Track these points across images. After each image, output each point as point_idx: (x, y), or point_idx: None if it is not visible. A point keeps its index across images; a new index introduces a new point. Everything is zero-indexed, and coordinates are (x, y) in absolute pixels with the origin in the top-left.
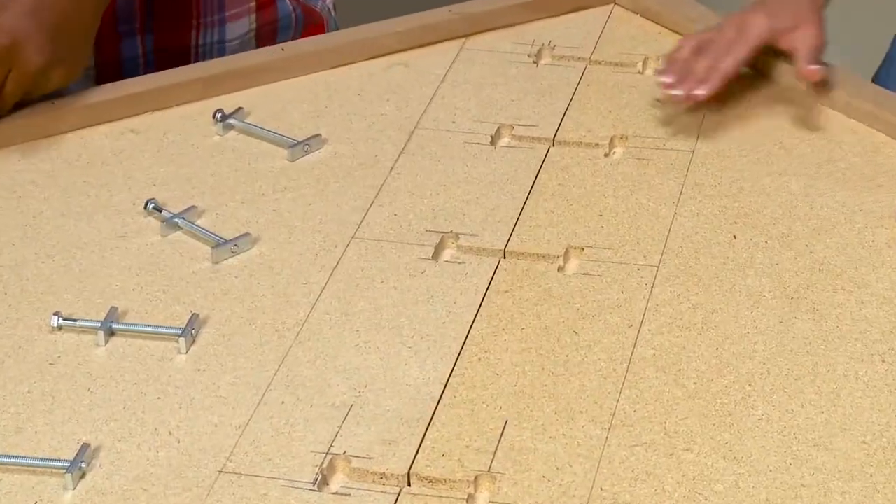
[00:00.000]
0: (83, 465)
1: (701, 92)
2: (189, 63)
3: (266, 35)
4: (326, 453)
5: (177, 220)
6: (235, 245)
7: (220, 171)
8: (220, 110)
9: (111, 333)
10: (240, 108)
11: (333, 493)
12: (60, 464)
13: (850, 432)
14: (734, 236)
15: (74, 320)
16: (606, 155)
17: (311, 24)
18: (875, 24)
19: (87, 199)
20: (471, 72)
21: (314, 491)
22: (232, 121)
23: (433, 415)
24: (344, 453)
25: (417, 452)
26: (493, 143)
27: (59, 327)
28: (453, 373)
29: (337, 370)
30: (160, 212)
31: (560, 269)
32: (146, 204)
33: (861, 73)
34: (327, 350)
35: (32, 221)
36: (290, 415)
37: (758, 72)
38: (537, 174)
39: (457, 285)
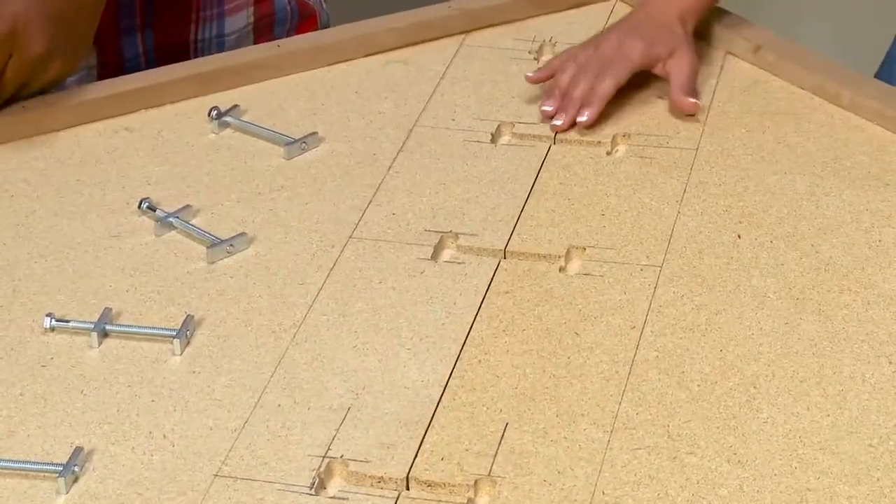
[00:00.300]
0: (76, 468)
1: (583, 118)
2: (188, 59)
3: (263, 29)
4: (324, 457)
5: (171, 219)
6: (231, 245)
7: (215, 169)
8: (215, 108)
9: (105, 335)
10: (235, 106)
11: (331, 498)
12: (53, 467)
13: (856, 435)
14: (738, 236)
15: (67, 321)
16: (609, 153)
17: (304, 18)
18: (875, 23)
19: (80, 198)
20: (470, 68)
21: (311, 495)
22: (227, 118)
23: (432, 417)
24: (341, 457)
25: (416, 456)
26: (493, 141)
27: (52, 328)
28: (453, 375)
29: (334, 372)
30: (154, 211)
31: (561, 269)
32: (140, 203)
33: (862, 72)
34: (324, 352)
35: (25, 221)
36: (287, 418)
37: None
38: (538, 173)
39: (456, 286)
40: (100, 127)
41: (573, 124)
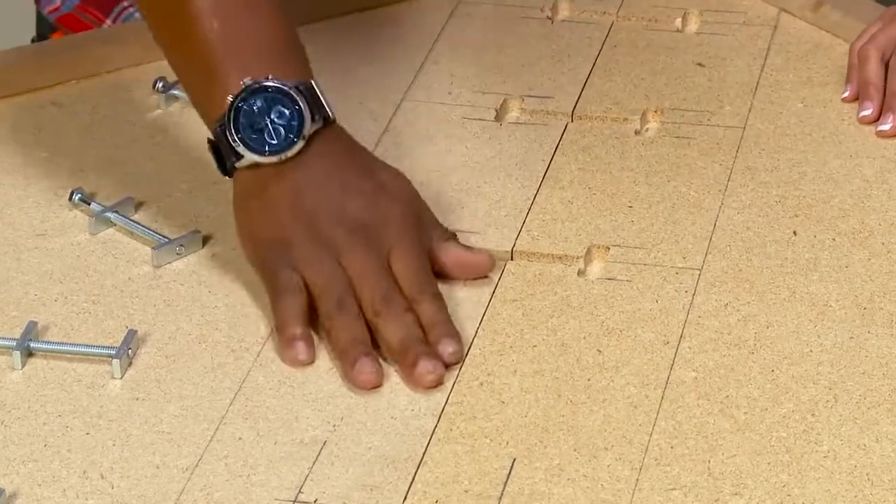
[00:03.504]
0: None
1: (885, 127)
2: None
3: None
4: (294, 501)
5: (109, 214)
6: (181, 245)
7: (161, 153)
8: (161, 78)
9: (29, 354)
10: None
11: None
12: None
13: None
14: (794, 232)
15: None
16: (637, 132)
17: None
18: None
19: None
20: (471, 30)
21: None
22: (176, 91)
23: (424, 452)
24: (315, 501)
25: (406, 499)
26: (498, 118)
27: None
28: (449, 400)
29: (306, 399)
30: (89, 204)
31: (580, 272)
32: (71, 194)
33: None
34: (294, 374)
35: None
36: (250, 454)
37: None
38: (552, 157)
39: (454, 293)
40: (22, 101)
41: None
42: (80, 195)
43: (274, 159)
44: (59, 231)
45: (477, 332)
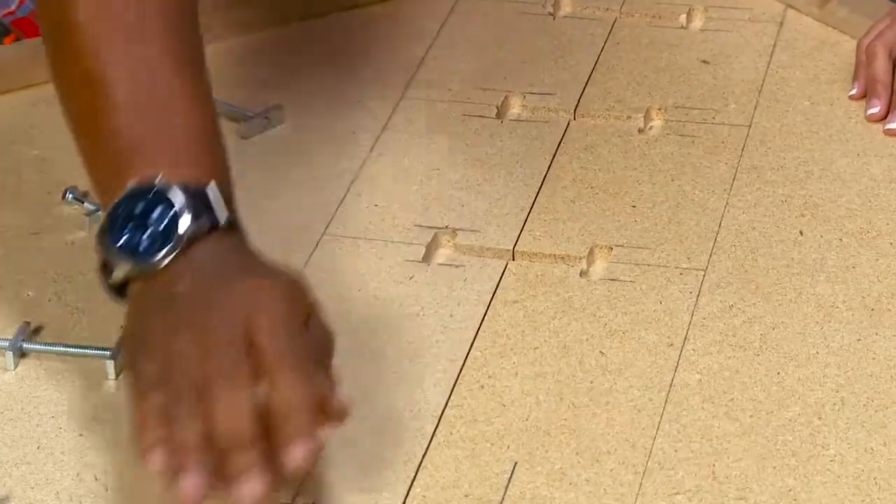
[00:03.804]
0: None
1: (893, 125)
2: None
3: None
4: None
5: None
6: None
7: None
8: None
9: (22, 354)
10: None
11: None
12: None
13: None
14: (801, 232)
15: None
16: (641, 130)
17: None
18: None
19: None
20: (471, 26)
21: None
22: None
23: (424, 456)
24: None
25: (404, 503)
26: (499, 115)
27: None
28: (449, 403)
29: None
30: (82, 203)
31: (583, 273)
32: (65, 192)
33: None
34: None
35: None
36: None
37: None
38: (554, 155)
39: (454, 294)
40: (13, 99)
41: None
42: (73, 194)
43: (145, 264)
44: (52, 230)
45: (477, 333)
